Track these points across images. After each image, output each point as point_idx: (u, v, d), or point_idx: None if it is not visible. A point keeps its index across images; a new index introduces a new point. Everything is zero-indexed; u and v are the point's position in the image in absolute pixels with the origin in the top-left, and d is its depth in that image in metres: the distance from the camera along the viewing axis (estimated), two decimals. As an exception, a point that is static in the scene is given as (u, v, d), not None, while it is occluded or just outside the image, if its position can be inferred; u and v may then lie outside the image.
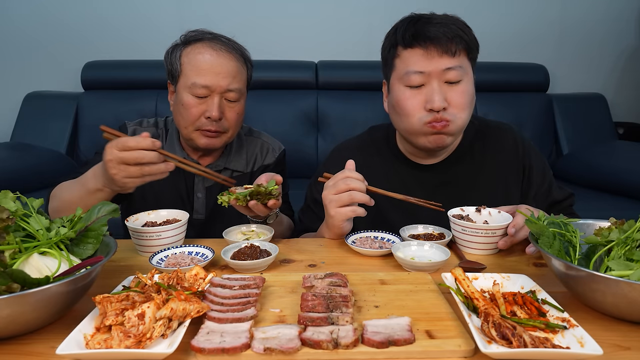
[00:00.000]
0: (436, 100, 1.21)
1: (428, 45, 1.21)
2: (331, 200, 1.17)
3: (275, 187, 1.18)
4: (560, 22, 3.46)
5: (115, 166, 1.09)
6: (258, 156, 1.59)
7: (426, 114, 1.24)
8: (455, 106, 1.24)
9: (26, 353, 0.73)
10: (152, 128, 1.55)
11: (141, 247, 1.15)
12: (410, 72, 1.24)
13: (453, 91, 1.24)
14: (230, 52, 1.40)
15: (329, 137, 3.07)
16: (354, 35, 3.39)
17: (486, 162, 1.41)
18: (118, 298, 0.75)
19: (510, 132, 1.45)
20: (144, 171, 1.10)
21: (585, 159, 2.93)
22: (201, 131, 1.40)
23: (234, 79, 1.39)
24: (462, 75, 1.24)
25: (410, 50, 1.24)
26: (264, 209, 1.19)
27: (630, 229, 0.87)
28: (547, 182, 1.43)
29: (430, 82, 1.23)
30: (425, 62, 1.22)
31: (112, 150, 1.09)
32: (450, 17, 1.27)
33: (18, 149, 2.78)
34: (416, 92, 1.25)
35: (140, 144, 1.08)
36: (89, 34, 3.29)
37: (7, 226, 0.83)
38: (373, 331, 0.73)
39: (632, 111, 3.60)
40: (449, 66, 1.22)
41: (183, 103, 1.39)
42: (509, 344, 0.70)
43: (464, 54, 1.25)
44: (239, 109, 1.43)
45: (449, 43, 1.21)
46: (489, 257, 1.15)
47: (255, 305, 0.80)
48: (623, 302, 0.77)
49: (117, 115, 2.94)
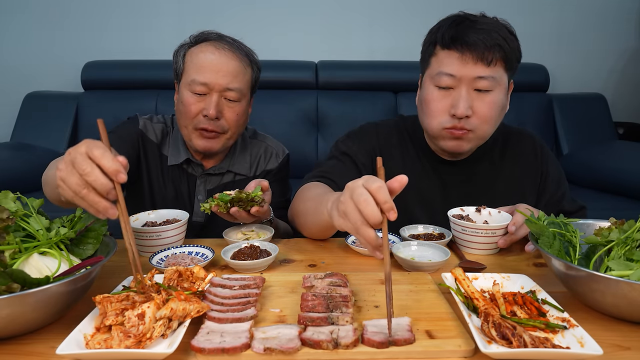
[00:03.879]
0: (460, 107, 1.21)
1: (465, 50, 1.19)
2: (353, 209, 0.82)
3: (259, 194, 1.15)
4: (560, 22, 3.46)
5: (65, 162, 0.82)
6: (261, 160, 1.58)
7: (448, 119, 1.24)
8: (479, 117, 1.23)
9: (26, 353, 0.73)
10: (161, 124, 1.54)
11: (141, 247, 1.15)
12: (442, 73, 1.23)
13: (481, 100, 1.23)
14: (234, 52, 1.39)
15: (329, 137, 3.06)
16: (354, 35, 3.39)
17: (506, 165, 1.41)
18: (118, 298, 0.75)
19: (531, 139, 1.45)
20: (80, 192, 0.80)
21: (585, 159, 2.93)
22: (199, 131, 1.39)
23: (235, 79, 1.38)
24: (493, 85, 1.22)
25: (447, 52, 1.22)
26: (247, 216, 1.16)
27: (630, 229, 0.87)
28: (560, 192, 1.42)
29: (460, 87, 1.22)
30: (458, 66, 1.21)
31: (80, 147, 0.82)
32: (497, 22, 1.24)
33: (18, 149, 2.78)
34: (444, 94, 1.24)
35: (102, 161, 0.79)
36: (89, 34, 3.29)
37: (7, 226, 0.83)
38: (373, 331, 0.73)
39: (632, 111, 3.60)
40: (482, 75, 1.20)
41: (183, 100, 1.39)
42: (509, 344, 0.70)
43: (501, 64, 1.22)
44: (239, 110, 1.42)
45: (486, 51, 1.18)
46: (489, 257, 1.15)
47: (255, 305, 0.80)
48: (623, 302, 0.77)
49: (117, 115, 2.91)
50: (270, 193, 1.25)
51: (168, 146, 1.52)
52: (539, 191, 1.42)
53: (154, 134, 1.51)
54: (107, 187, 0.79)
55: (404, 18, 3.35)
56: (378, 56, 3.30)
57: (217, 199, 1.13)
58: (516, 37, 1.25)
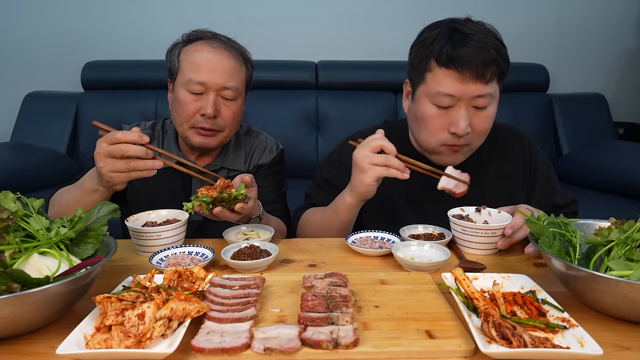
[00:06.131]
0: (461, 126, 1.22)
1: (464, 69, 1.19)
2: (365, 156, 1.16)
3: (242, 192, 1.13)
4: (560, 22, 3.46)
5: (102, 159, 1.10)
6: (255, 155, 1.58)
7: (447, 136, 1.26)
8: (477, 132, 1.26)
9: (26, 353, 0.73)
10: (148, 130, 1.56)
11: (141, 247, 1.15)
12: (442, 93, 1.22)
13: (478, 117, 1.25)
14: (229, 51, 1.39)
15: (329, 137, 3.06)
16: (354, 35, 3.39)
17: (495, 162, 1.43)
18: (118, 298, 0.75)
19: (519, 136, 1.47)
20: (130, 166, 1.10)
21: (585, 159, 2.93)
22: (195, 129, 1.40)
23: (231, 77, 1.38)
24: (490, 101, 1.24)
25: (445, 71, 1.21)
26: (232, 214, 1.15)
27: (630, 229, 0.87)
28: (550, 186, 1.44)
29: (459, 105, 1.23)
30: (458, 86, 1.21)
31: (101, 144, 1.11)
32: (488, 32, 1.23)
33: (18, 149, 2.78)
34: (443, 112, 1.25)
35: (127, 137, 1.09)
36: (89, 34, 3.29)
37: (7, 226, 0.83)
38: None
39: (632, 111, 3.60)
40: (481, 93, 1.21)
41: (179, 100, 1.39)
42: (509, 344, 0.70)
43: (496, 79, 1.24)
44: (235, 108, 1.42)
45: (485, 69, 1.19)
46: (489, 257, 1.15)
47: (255, 305, 0.80)
48: (623, 302, 0.77)
49: (117, 115, 2.94)
50: (256, 189, 1.25)
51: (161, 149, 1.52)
52: (529, 187, 1.43)
53: None
54: (143, 150, 1.10)
55: (404, 18, 3.35)
56: (378, 56, 3.29)
57: (199, 199, 1.11)
58: (504, 44, 1.25)
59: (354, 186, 1.21)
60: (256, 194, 1.24)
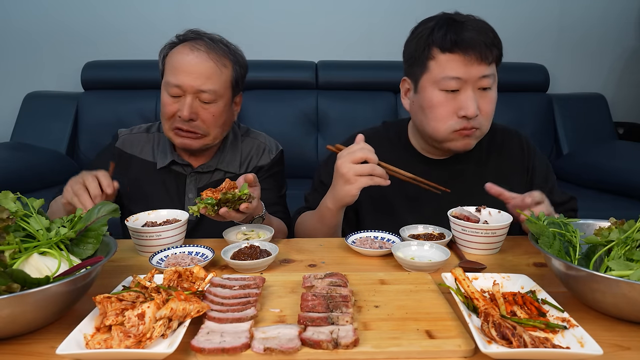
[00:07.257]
0: (471, 108, 1.23)
1: (469, 51, 1.22)
2: (350, 167, 1.18)
3: (246, 192, 1.14)
4: (560, 22, 3.46)
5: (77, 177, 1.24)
6: (253, 157, 1.57)
7: (457, 121, 1.27)
8: (484, 114, 1.28)
9: (26, 353, 0.73)
10: (142, 134, 1.57)
11: (141, 247, 1.15)
12: (448, 77, 1.24)
13: (483, 98, 1.27)
14: (208, 53, 1.38)
15: (329, 137, 3.06)
16: (354, 35, 3.39)
17: (493, 162, 1.43)
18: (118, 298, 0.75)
19: (517, 135, 1.49)
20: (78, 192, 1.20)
21: (585, 159, 2.92)
22: (174, 130, 1.41)
23: (208, 80, 1.37)
24: (492, 82, 1.28)
25: (449, 55, 1.24)
26: (237, 214, 1.15)
27: (630, 229, 0.87)
28: (548, 186, 1.43)
29: (466, 88, 1.25)
30: (464, 68, 1.23)
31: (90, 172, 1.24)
32: (481, 21, 1.28)
33: (18, 149, 2.78)
34: (450, 97, 1.26)
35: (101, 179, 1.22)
36: (89, 34, 3.29)
37: (7, 226, 0.83)
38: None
39: (632, 111, 3.60)
40: (485, 74, 1.24)
41: (161, 102, 1.42)
42: (509, 344, 0.70)
43: (495, 61, 1.28)
44: (215, 111, 1.41)
45: (487, 51, 1.23)
46: (489, 257, 1.15)
47: (255, 305, 0.80)
48: (623, 302, 0.77)
49: (117, 115, 2.94)
50: (259, 188, 1.25)
51: (153, 151, 1.53)
52: (527, 186, 1.43)
53: (133, 146, 1.54)
54: (96, 192, 1.19)
55: (404, 18, 3.35)
56: (378, 56, 3.29)
57: (204, 202, 1.11)
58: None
59: (338, 196, 1.23)
60: (259, 193, 1.24)
